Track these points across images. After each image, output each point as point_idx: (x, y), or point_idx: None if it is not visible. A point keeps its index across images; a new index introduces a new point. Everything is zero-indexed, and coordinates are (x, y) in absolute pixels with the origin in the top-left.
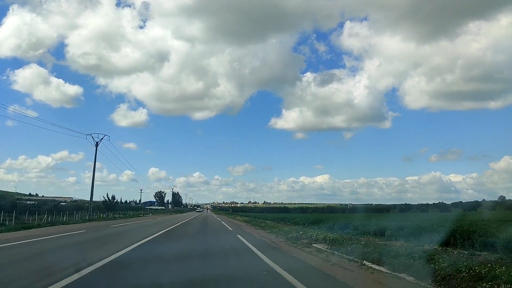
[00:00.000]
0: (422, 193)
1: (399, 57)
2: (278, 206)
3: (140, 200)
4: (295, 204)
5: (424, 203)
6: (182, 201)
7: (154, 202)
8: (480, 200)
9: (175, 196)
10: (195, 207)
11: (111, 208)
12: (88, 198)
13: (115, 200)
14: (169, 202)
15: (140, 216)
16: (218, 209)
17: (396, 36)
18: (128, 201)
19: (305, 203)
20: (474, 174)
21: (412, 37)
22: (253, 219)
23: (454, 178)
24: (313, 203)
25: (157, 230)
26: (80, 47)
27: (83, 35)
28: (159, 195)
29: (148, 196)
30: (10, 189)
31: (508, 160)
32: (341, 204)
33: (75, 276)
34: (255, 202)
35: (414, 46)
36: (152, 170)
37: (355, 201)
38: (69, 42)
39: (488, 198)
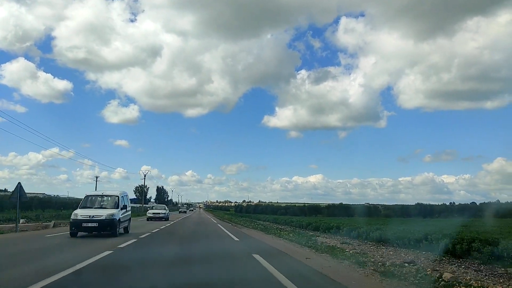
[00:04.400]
0: (414, 193)
1: (396, 55)
2: (303, 205)
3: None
4: (289, 203)
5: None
6: (169, 198)
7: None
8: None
9: (160, 191)
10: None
11: None
12: (79, 196)
13: None
14: (151, 198)
15: None
16: (212, 208)
17: (394, 33)
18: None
19: (298, 203)
20: (467, 175)
21: (410, 34)
22: None
23: (447, 179)
24: (308, 203)
25: None
26: (68, 40)
27: (71, 27)
28: (140, 191)
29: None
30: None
31: (501, 162)
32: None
33: None
34: (250, 202)
35: (411, 44)
36: (144, 168)
37: (348, 201)
38: (57, 35)
39: (480, 199)
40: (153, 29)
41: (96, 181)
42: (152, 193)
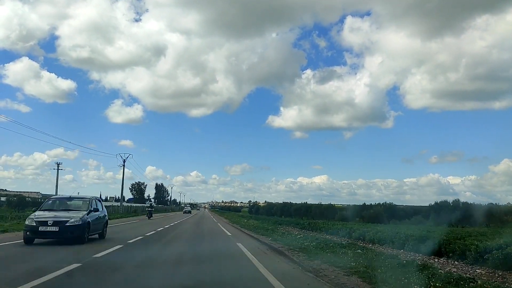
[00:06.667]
0: (420, 195)
1: (402, 54)
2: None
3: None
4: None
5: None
6: (172, 198)
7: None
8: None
9: (160, 189)
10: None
11: None
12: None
13: None
14: (150, 197)
15: None
16: (219, 208)
17: (400, 32)
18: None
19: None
20: (473, 177)
21: (417, 32)
22: None
23: (453, 180)
24: (313, 203)
25: None
26: (71, 39)
27: (75, 26)
28: (137, 189)
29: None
30: (6, 186)
31: (508, 163)
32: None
33: None
34: (256, 202)
35: (418, 42)
36: (149, 168)
37: (352, 202)
38: (60, 34)
39: (486, 201)
40: (157, 28)
41: (58, 169)
42: (150, 192)
